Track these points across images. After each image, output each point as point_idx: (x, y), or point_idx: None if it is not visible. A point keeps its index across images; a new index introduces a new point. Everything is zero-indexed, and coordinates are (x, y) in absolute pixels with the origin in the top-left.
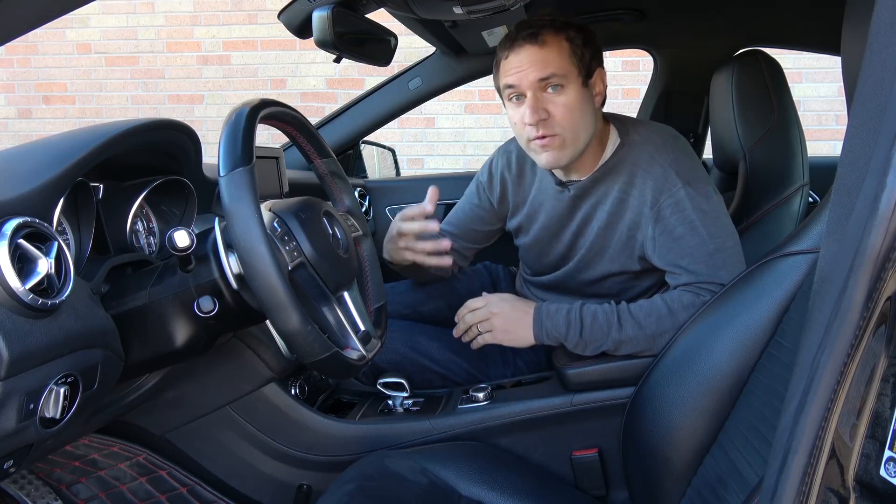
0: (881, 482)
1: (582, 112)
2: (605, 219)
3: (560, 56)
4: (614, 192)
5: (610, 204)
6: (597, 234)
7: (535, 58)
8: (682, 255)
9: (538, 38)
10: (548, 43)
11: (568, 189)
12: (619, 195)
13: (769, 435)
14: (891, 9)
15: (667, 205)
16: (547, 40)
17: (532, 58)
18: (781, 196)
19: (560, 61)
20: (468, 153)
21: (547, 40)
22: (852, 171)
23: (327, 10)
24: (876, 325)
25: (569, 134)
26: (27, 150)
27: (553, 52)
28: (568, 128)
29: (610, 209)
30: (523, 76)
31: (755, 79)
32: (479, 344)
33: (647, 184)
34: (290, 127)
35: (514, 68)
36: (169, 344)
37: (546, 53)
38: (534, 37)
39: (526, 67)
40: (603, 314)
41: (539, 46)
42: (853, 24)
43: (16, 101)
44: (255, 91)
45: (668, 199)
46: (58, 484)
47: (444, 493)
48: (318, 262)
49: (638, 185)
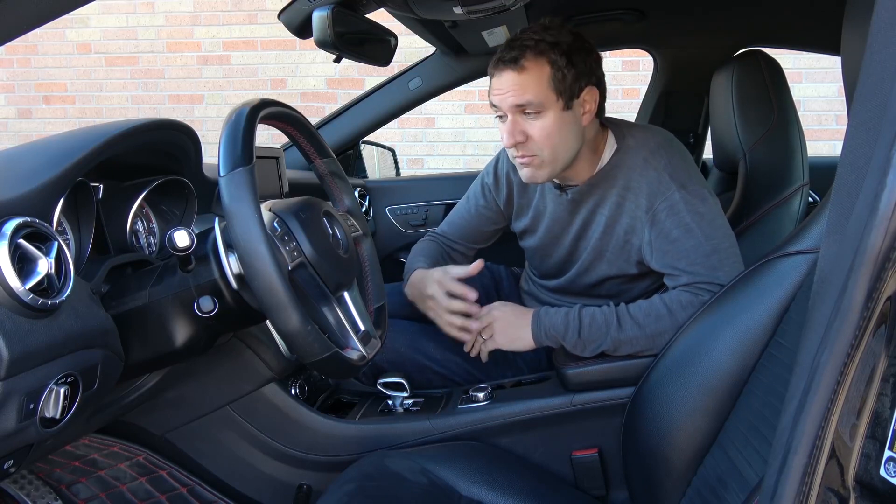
0: (881, 482)
1: (560, 135)
2: (604, 223)
3: (539, 83)
4: (612, 196)
5: (608, 208)
6: (597, 239)
7: (514, 83)
8: (679, 257)
9: (518, 62)
10: (527, 69)
11: (566, 193)
12: (616, 200)
13: (769, 435)
14: (891, 9)
15: (662, 208)
16: (526, 66)
17: (511, 83)
18: (781, 196)
19: (538, 88)
20: (468, 153)
21: (526, 66)
22: (852, 171)
23: (327, 10)
24: (876, 325)
25: (546, 156)
26: (27, 150)
27: (532, 78)
28: (546, 150)
29: (608, 214)
30: (502, 100)
31: (755, 79)
32: (485, 352)
33: (642, 188)
34: (290, 127)
35: (496, 89)
36: (169, 344)
37: (524, 79)
38: (514, 62)
39: (505, 92)
40: (601, 315)
41: (517, 72)
42: (853, 24)
43: (16, 101)
44: (255, 91)
45: (663, 202)
46: (58, 484)
47: (444, 493)
48: (318, 262)
49: (633, 189)
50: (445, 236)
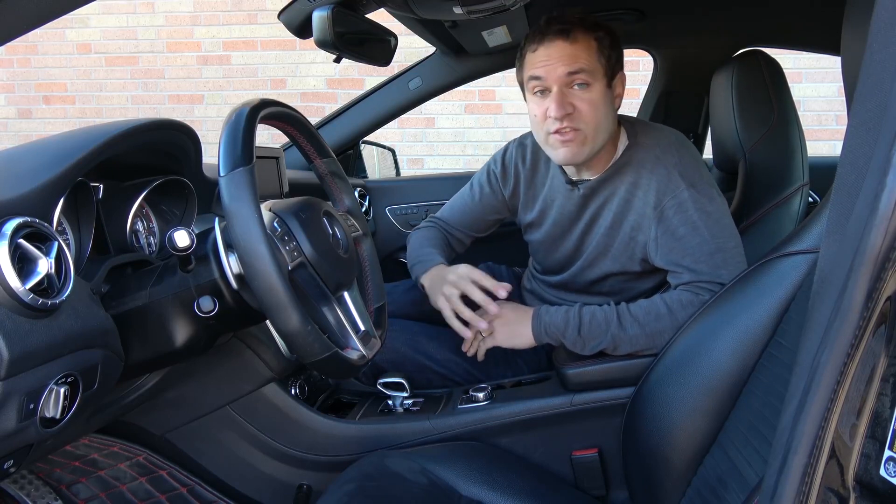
0: (881, 482)
1: (605, 111)
2: (611, 219)
3: (589, 54)
4: (620, 192)
5: (616, 204)
6: (603, 234)
7: (565, 52)
8: (684, 254)
9: (569, 34)
10: (578, 40)
11: (578, 188)
12: (625, 195)
13: (769, 435)
14: (891, 9)
15: (670, 205)
16: (578, 37)
17: (562, 52)
18: (781, 196)
19: (589, 59)
20: (468, 153)
21: (578, 37)
22: (852, 171)
23: (327, 10)
24: (876, 324)
25: (591, 131)
26: (27, 150)
27: (582, 48)
28: (591, 124)
29: (616, 209)
30: (551, 69)
31: (755, 79)
32: (482, 350)
33: (651, 185)
34: (290, 127)
35: (541, 61)
36: (169, 344)
37: (576, 49)
38: (565, 32)
39: (555, 61)
40: (602, 313)
41: (570, 42)
42: (853, 24)
43: (16, 101)
44: (255, 91)
45: (671, 200)
46: (58, 484)
47: (444, 493)
48: (318, 262)
49: (643, 185)
50: (446, 222)
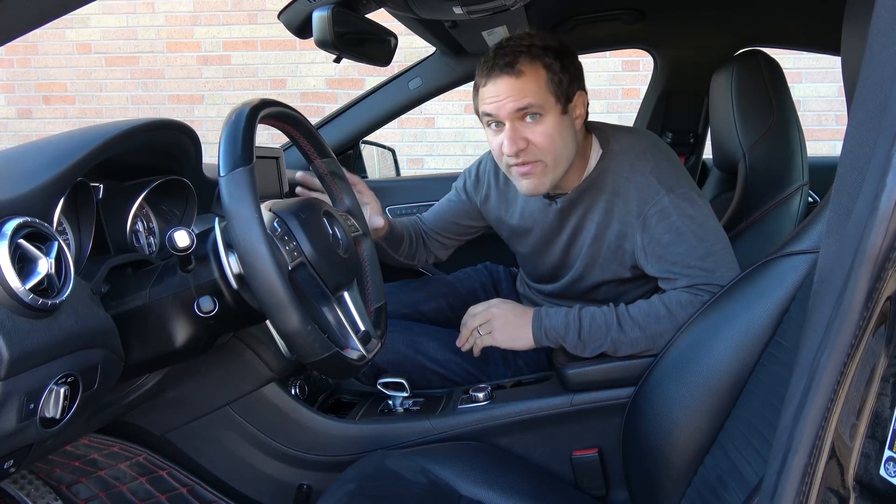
0: (881, 482)
1: (562, 138)
2: (595, 230)
3: (537, 85)
4: (600, 203)
5: (597, 215)
6: (588, 246)
7: (512, 88)
8: (674, 261)
9: (514, 67)
10: (524, 73)
11: (555, 202)
12: (605, 206)
13: (769, 435)
14: (891, 9)
15: (652, 213)
16: (523, 70)
17: (508, 88)
18: (781, 196)
19: (537, 91)
20: (468, 153)
21: (523, 70)
22: (852, 171)
23: (327, 10)
24: (876, 324)
25: (550, 160)
26: (27, 150)
27: (530, 81)
28: (549, 154)
29: (598, 220)
30: (500, 107)
31: (755, 79)
32: (479, 347)
33: (630, 193)
34: (290, 127)
35: (491, 97)
36: (169, 344)
37: (523, 83)
38: (510, 66)
39: (503, 98)
40: (602, 315)
41: (515, 77)
42: (853, 24)
43: (16, 101)
44: (255, 91)
45: (652, 207)
46: (58, 484)
47: (444, 493)
48: (318, 262)
49: (622, 195)
50: (424, 221)
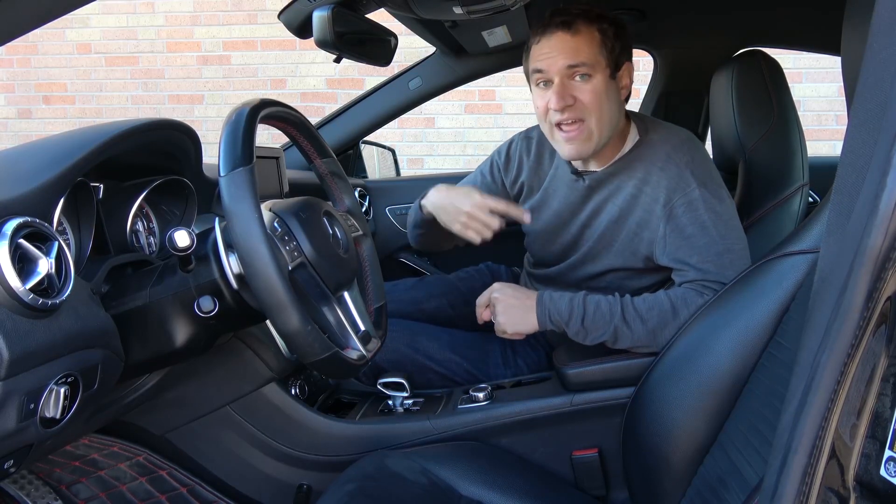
0: (881, 482)
1: (608, 101)
2: (616, 213)
3: (590, 46)
4: (628, 187)
5: (622, 198)
6: (605, 227)
7: (566, 45)
8: (691, 252)
9: (571, 26)
10: (580, 32)
11: (583, 179)
12: (633, 191)
13: (769, 435)
14: (891, 9)
15: (679, 203)
16: (579, 29)
17: (562, 45)
18: (781, 196)
19: (590, 51)
20: (468, 153)
21: (579, 29)
22: (852, 171)
23: (327, 10)
24: (876, 325)
25: (594, 122)
26: (27, 150)
27: (584, 41)
28: (594, 115)
29: (622, 204)
30: (552, 61)
31: (755, 79)
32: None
33: (661, 182)
34: (290, 127)
35: (543, 54)
36: (169, 344)
37: (577, 42)
38: (567, 25)
39: (556, 54)
40: (606, 304)
41: (571, 35)
42: (853, 24)
43: (16, 101)
44: (255, 91)
45: (681, 198)
46: (58, 484)
47: (444, 493)
48: (319, 262)
49: (653, 182)
50: None
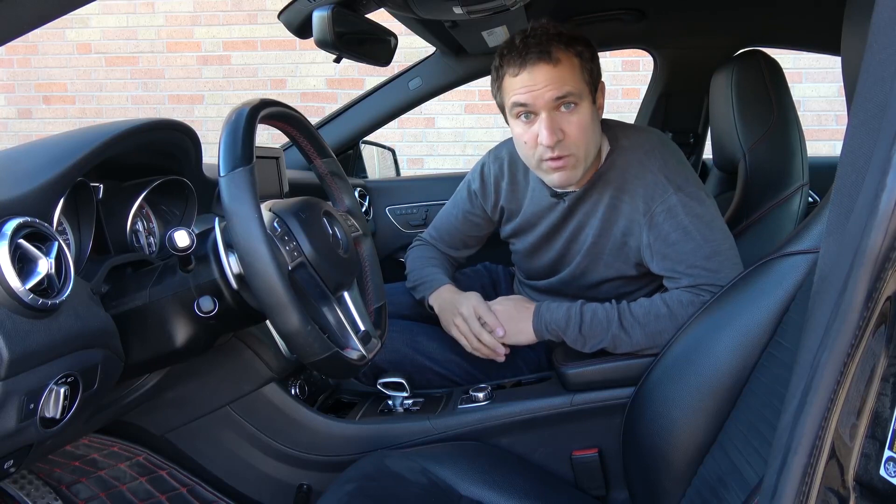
0: (881, 482)
1: (594, 129)
2: (599, 226)
3: (573, 73)
4: (606, 199)
5: (602, 211)
6: (591, 242)
7: (550, 76)
8: (679, 260)
9: (551, 55)
10: (560, 61)
11: (563, 200)
12: (611, 202)
13: (769, 435)
14: (891, 9)
15: (659, 211)
16: (559, 58)
17: (547, 77)
18: (781, 196)
19: (574, 79)
20: (468, 153)
21: (559, 58)
22: (852, 171)
23: (327, 10)
24: (876, 324)
25: (581, 153)
26: (27, 150)
27: (566, 69)
28: (582, 147)
29: (602, 216)
30: (538, 96)
31: (755, 79)
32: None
33: (637, 191)
34: (290, 127)
35: (525, 87)
36: (169, 344)
37: (560, 72)
38: (546, 54)
39: (541, 87)
40: (603, 311)
41: (553, 65)
42: (853, 24)
43: (16, 101)
44: (255, 91)
45: (660, 205)
46: (58, 484)
47: (444, 493)
48: (318, 262)
49: (629, 191)
50: (444, 249)
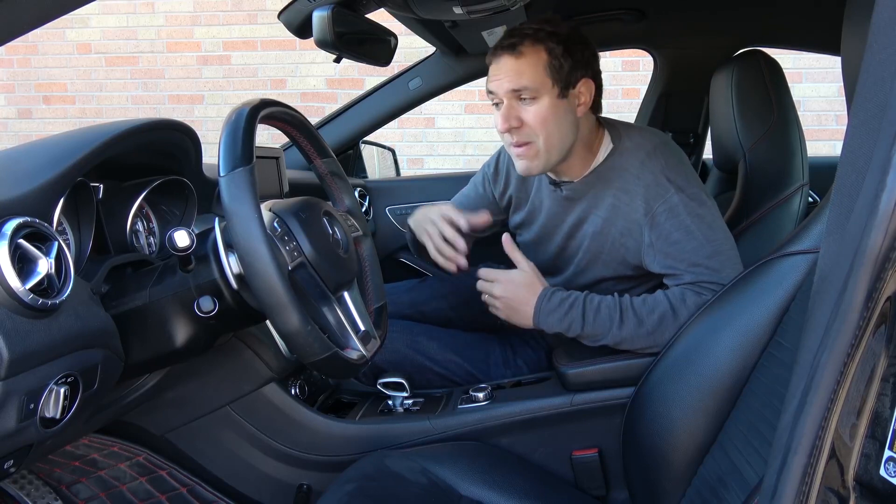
0: (881, 482)
1: (556, 122)
2: (599, 224)
3: (534, 68)
4: (607, 198)
5: (603, 210)
6: (591, 240)
7: (510, 68)
8: (681, 258)
9: (515, 48)
10: (524, 54)
11: (560, 189)
12: (612, 201)
13: (769, 435)
14: (891, 9)
15: (661, 211)
16: (524, 52)
17: (507, 68)
18: (781, 196)
19: (533, 74)
20: (468, 153)
21: (524, 52)
22: (852, 171)
23: (327, 10)
24: (876, 324)
25: (542, 143)
26: (27, 150)
27: (527, 64)
28: (541, 136)
29: (604, 215)
30: (498, 85)
31: (755, 79)
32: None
33: (639, 190)
34: (290, 127)
35: (492, 76)
36: (169, 344)
37: (520, 65)
38: (512, 48)
39: (501, 77)
40: (606, 309)
41: (515, 58)
42: (853, 24)
43: (16, 101)
44: (255, 91)
45: (661, 205)
46: (58, 484)
47: (444, 493)
48: (318, 262)
49: (630, 191)
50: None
